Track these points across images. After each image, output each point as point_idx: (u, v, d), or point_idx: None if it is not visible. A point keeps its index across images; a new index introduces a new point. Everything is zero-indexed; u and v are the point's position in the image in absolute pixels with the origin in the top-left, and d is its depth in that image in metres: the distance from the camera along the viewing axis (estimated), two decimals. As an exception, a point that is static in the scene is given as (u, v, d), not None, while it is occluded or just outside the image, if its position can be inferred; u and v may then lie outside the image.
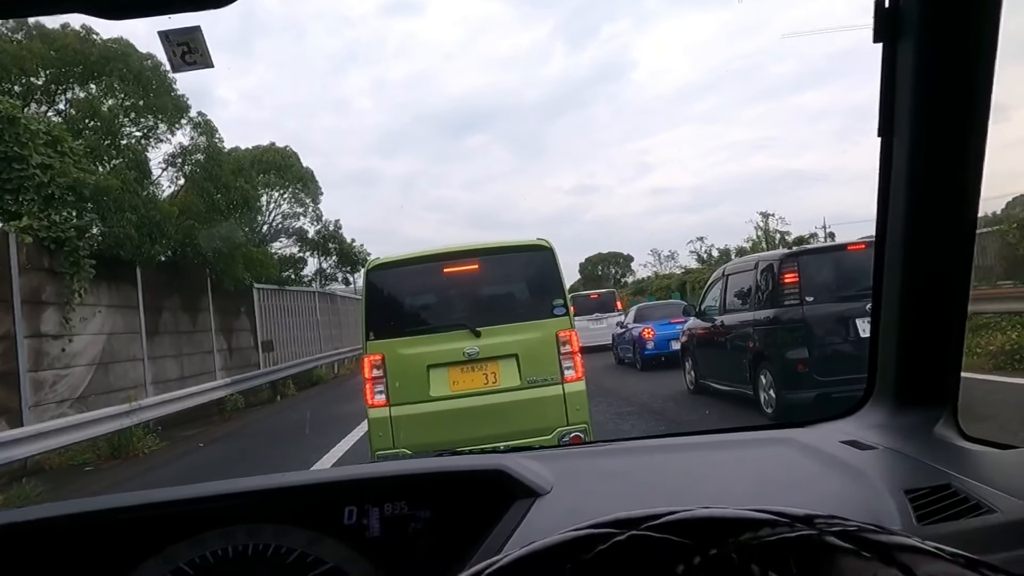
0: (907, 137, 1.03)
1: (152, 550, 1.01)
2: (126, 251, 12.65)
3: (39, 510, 1.03)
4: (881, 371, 1.21)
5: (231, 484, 1.05)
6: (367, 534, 1.03)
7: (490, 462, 1.02)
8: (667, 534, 0.37)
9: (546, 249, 5.84)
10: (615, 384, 12.59)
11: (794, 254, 8.40)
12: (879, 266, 1.15)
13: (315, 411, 13.02)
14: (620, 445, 1.37)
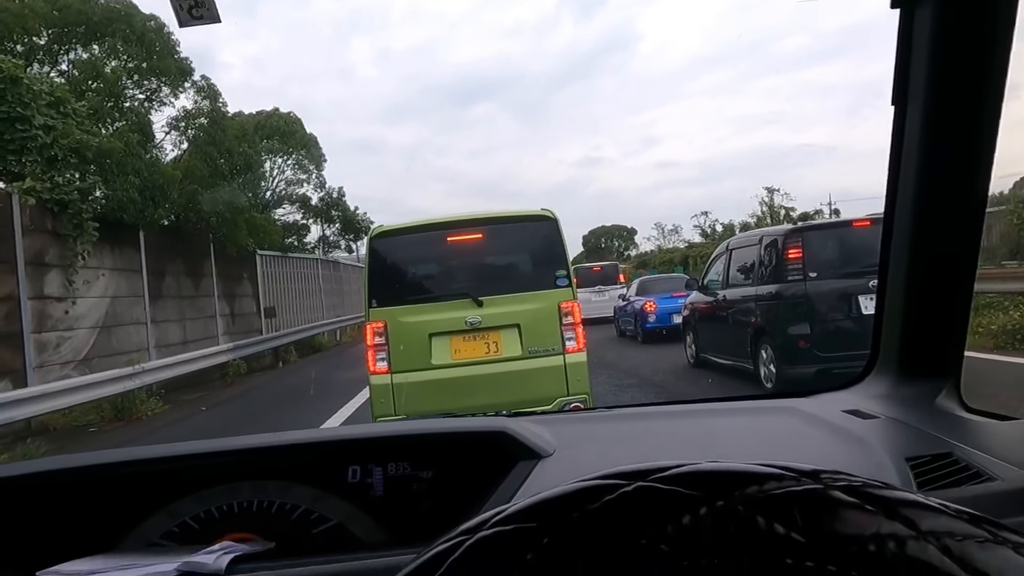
0: (921, 106, 1.02)
1: (158, 505, 1.02)
2: (129, 214, 12.63)
3: (47, 463, 1.04)
4: (885, 342, 1.21)
5: (237, 441, 1.06)
6: (371, 493, 1.05)
7: (493, 424, 1.02)
8: (674, 486, 0.37)
9: (550, 219, 5.83)
10: (616, 356, 12.64)
11: (799, 229, 8.37)
12: (887, 236, 1.15)
13: (317, 377, 13.10)
14: (622, 411, 1.37)
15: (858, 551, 0.35)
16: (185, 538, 1.01)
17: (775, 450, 1.07)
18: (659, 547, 0.35)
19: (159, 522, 1.02)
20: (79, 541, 0.95)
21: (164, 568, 0.84)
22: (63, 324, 11.11)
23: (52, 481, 1.02)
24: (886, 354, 1.21)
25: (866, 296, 7.25)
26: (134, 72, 15.74)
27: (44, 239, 10.75)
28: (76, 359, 11.31)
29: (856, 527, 0.35)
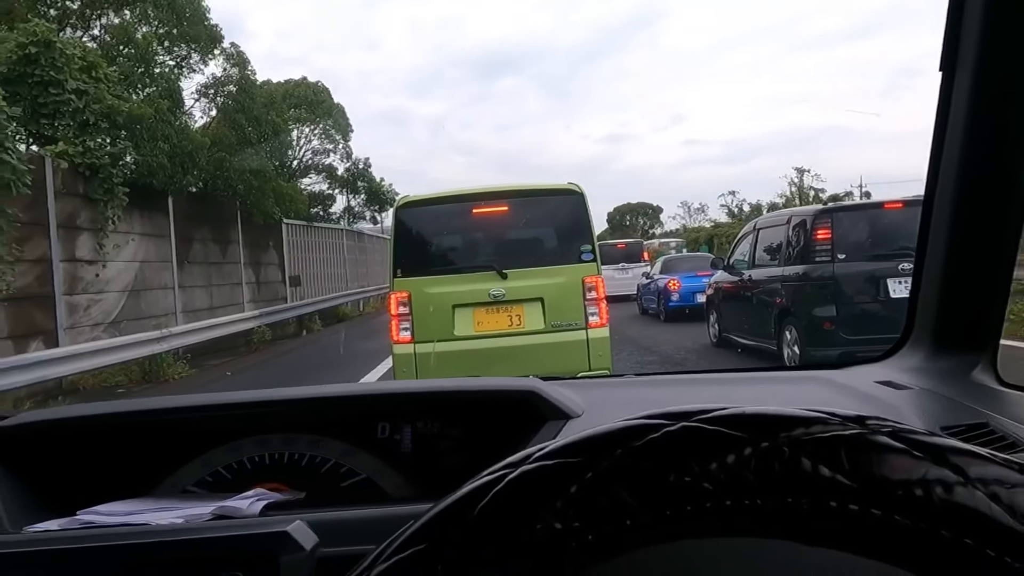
0: (971, 72, 0.99)
1: (192, 454, 1.05)
2: (159, 180, 12.75)
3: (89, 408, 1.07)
4: (921, 315, 1.19)
5: (271, 393, 1.08)
6: (399, 449, 1.06)
7: (524, 384, 1.03)
8: (719, 427, 0.37)
9: (577, 193, 5.80)
10: (637, 334, 12.61)
11: (828, 210, 8.24)
12: (928, 207, 1.13)
13: (340, 345, 13.23)
14: (651, 378, 1.37)
15: (904, 496, 0.34)
16: (217, 487, 1.03)
17: None
18: (702, 485, 0.36)
19: (193, 470, 1.04)
20: (116, 485, 0.98)
21: (200, 511, 0.86)
22: (93, 287, 11.30)
23: (93, 426, 1.04)
24: (921, 327, 1.20)
25: (895, 279, 7.14)
26: (164, 38, 15.80)
27: (76, 203, 10.91)
28: (106, 321, 11.52)
29: (903, 472, 0.35)
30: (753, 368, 1.45)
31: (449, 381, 1.10)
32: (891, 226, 7.67)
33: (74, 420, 1.04)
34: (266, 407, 1.06)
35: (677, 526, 0.36)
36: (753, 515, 0.36)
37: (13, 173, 8.04)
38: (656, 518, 0.36)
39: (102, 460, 1.02)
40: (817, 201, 29.64)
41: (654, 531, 0.36)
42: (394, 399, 1.12)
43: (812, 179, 38.46)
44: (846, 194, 33.53)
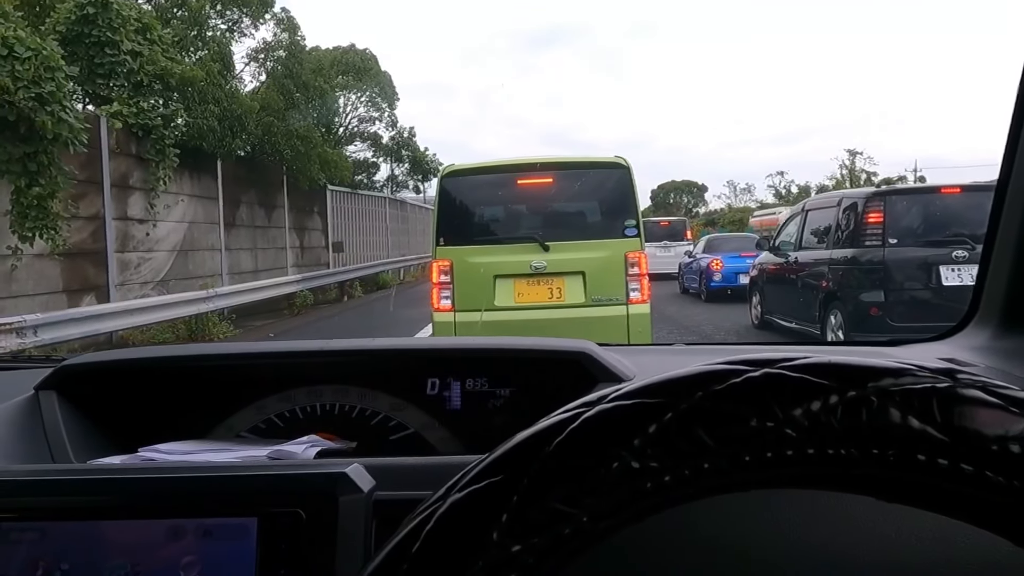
0: None
1: (247, 401, 1.07)
2: (208, 143, 12.96)
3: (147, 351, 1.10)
4: (988, 293, 1.15)
5: (323, 343, 1.09)
6: (447, 406, 1.07)
7: (576, 345, 1.03)
8: (804, 374, 0.36)
9: (623, 167, 5.74)
10: (677, 312, 12.52)
11: (881, 193, 8.04)
12: (1004, 182, 1.09)
13: (380, 312, 13.39)
14: (699, 347, 1.36)
15: (999, 452, 0.33)
16: (270, 433, 1.06)
17: None
18: (785, 431, 0.35)
19: (247, 416, 1.06)
20: (175, 427, 1.00)
21: (256, 453, 0.88)
22: (144, 245, 11.59)
23: (154, 369, 1.07)
24: (988, 306, 1.16)
25: (947, 266, 6.94)
26: (217, 2, 15.95)
27: (128, 163, 11.16)
28: (155, 279, 11.83)
29: (998, 427, 0.33)
30: (805, 343, 1.42)
31: (501, 339, 1.11)
32: (946, 212, 7.44)
33: (137, 362, 1.07)
34: (319, 356, 1.08)
35: (757, 473, 0.35)
36: (836, 465, 0.35)
37: (70, 131, 8.24)
38: (735, 463, 0.35)
39: (161, 403, 1.05)
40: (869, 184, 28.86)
41: (732, 477, 0.36)
42: (445, 355, 1.12)
43: (864, 162, 37.48)
44: (899, 178, 32.61)
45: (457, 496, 0.36)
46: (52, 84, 7.94)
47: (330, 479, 0.66)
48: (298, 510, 0.64)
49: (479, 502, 0.35)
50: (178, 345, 1.37)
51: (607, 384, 0.98)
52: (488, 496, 0.35)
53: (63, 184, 8.58)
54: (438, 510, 0.36)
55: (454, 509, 0.36)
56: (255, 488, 0.67)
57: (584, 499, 0.35)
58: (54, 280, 9.50)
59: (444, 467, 0.78)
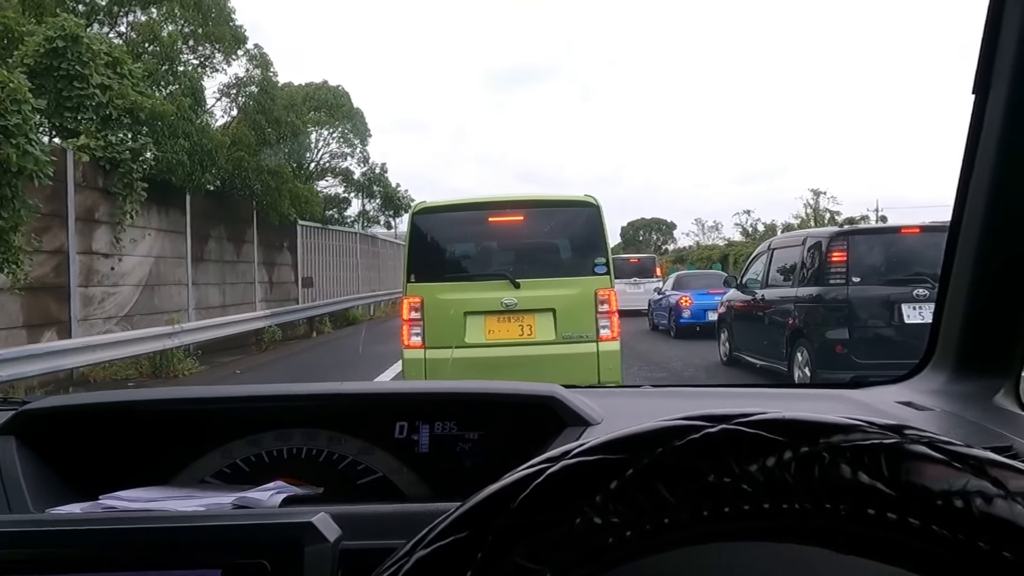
0: (1005, 94, 0.99)
1: (212, 445, 1.06)
2: (177, 177, 12.86)
3: (108, 395, 1.08)
4: (944, 337, 1.19)
5: (291, 387, 1.09)
6: (416, 449, 1.07)
7: (543, 389, 1.03)
8: (759, 430, 0.37)
9: (592, 206, 5.81)
10: (647, 349, 12.59)
11: (845, 232, 8.22)
12: (956, 228, 1.13)
13: (350, 349, 13.26)
14: (669, 389, 1.37)
15: (943, 506, 0.35)
16: (236, 478, 1.04)
17: None
18: (741, 487, 0.36)
19: (212, 460, 1.05)
20: (137, 473, 0.99)
21: (221, 500, 0.87)
22: (108, 280, 11.40)
23: (115, 413, 1.05)
24: (944, 349, 1.19)
25: (909, 305, 7.09)
26: (190, 37, 15.97)
27: (95, 196, 11.02)
28: (119, 315, 11.61)
29: (943, 482, 0.35)
30: (769, 384, 1.45)
31: (469, 383, 1.11)
32: (907, 251, 7.63)
33: (97, 407, 1.05)
34: (288, 401, 1.07)
35: (714, 526, 0.36)
36: (790, 519, 0.36)
37: (36, 164, 8.13)
38: (694, 517, 0.36)
39: (123, 447, 1.03)
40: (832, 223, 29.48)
41: (692, 530, 0.37)
42: (413, 399, 1.12)
43: (828, 201, 38.35)
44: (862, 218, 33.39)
45: (422, 553, 0.36)
46: (18, 116, 7.85)
47: (296, 529, 0.65)
48: (263, 561, 0.64)
49: (444, 559, 0.36)
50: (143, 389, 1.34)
51: (575, 428, 0.99)
52: (453, 552, 0.36)
53: (26, 217, 8.43)
54: (404, 567, 0.36)
55: (420, 566, 0.36)
56: (219, 539, 0.66)
57: (548, 555, 0.36)
58: (14, 315, 9.28)
59: (411, 515, 0.78)
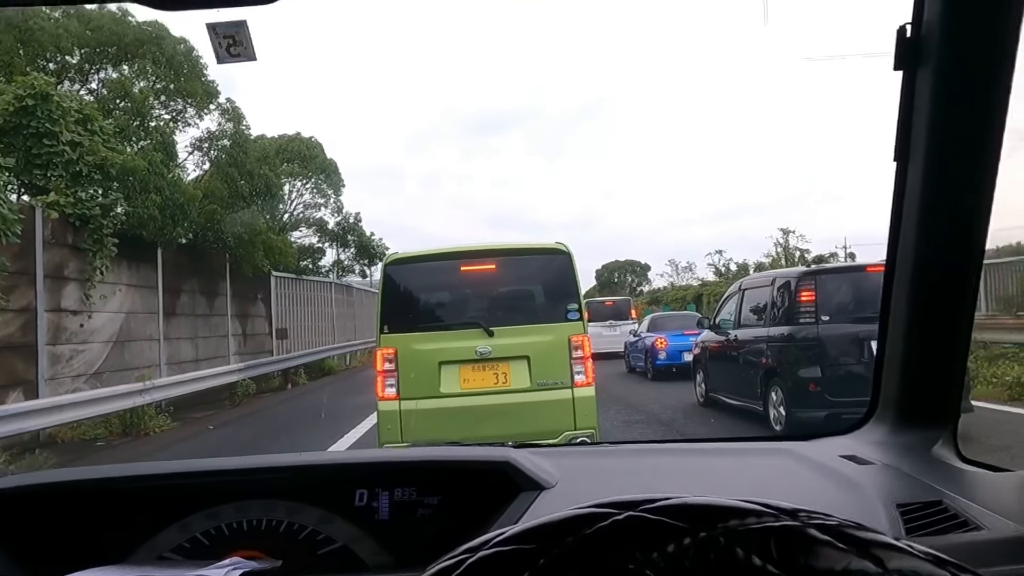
0: (921, 163, 1.06)
1: (170, 519, 1.05)
2: (149, 232, 12.81)
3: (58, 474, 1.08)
4: (884, 390, 1.23)
5: (248, 460, 1.09)
6: (376, 516, 1.07)
7: (498, 454, 1.05)
8: (662, 516, 0.40)
9: (563, 253, 5.87)
10: (625, 392, 12.59)
11: (812, 272, 8.37)
12: (888, 286, 1.18)
13: (326, 401, 13.12)
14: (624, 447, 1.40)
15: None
16: (195, 553, 1.04)
17: (769, 490, 1.09)
18: (645, 572, 0.38)
19: (170, 536, 1.05)
20: (95, 550, 0.98)
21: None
22: (77, 337, 11.22)
23: (72, 491, 1.05)
24: (885, 402, 1.24)
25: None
26: (161, 93, 16.08)
27: (64, 253, 10.92)
28: (88, 372, 11.40)
29: (827, 562, 0.38)
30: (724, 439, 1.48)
31: (425, 450, 1.12)
32: (874, 289, 7.70)
33: (53, 486, 1.05)
34: (246, 475, 1.08)
35: None
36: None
37: (3, 222, 8.08)
38: None
39: (81, 525, 1.02)
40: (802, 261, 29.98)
41: (601, 616, 0.39)
42: (372, 467, 1.13)
43: (797, 240, 39.02)
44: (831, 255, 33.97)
45: None
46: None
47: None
48: None
49: None
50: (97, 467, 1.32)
51: (529, 493, 1.01)
52: None
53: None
54: None
55: None
56: None
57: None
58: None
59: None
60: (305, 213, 28.01)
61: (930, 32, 1.01)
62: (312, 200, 27.90)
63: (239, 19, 0.96)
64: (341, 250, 29.26)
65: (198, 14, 0.92)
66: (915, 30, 1.04)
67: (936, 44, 1.01)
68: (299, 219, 27.83)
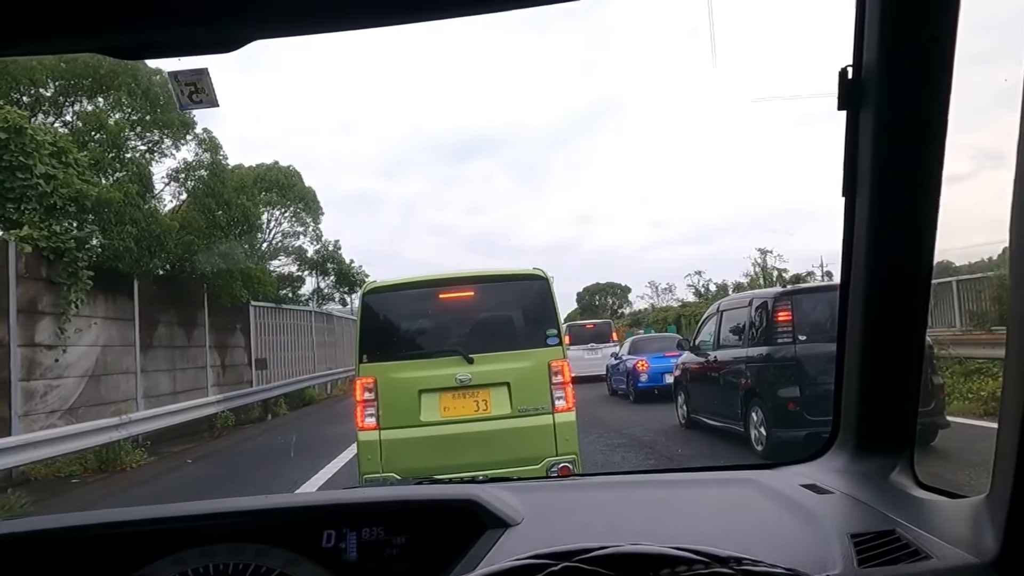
0: (868, 198, 1.10)
1: (134, 566, 1.04)
2: (125, 264, 12.69)
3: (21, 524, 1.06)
4: (844, 417, 1.26)
5: (214, 504, 1.09)
6: (344, 557, 1.07)
7: (463, 492, 1.06)
8: (597, 566, 0.41)
9: (541, 279, 5.90)
10: (607, 415, 12.59)
11: (788, 292, 8.47)
12: (843, 314, 1.21)
13: (305, 431, 12.98)
14: (593, 480, 1.41)
15: None
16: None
17: (729, 523, 1.11)
18: None
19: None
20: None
21: (138, 631, 0.86)
22: (52, 372, 11.05)
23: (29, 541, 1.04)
24: (845, 429, 1.26)
25: (855, 360, 7.28)
26: (137, 124, 16.02)
27: (38, 287, 10.78)
28: (63, 408, 11.21)
29: None
30: (691, 468, 1.49)
31: (392, 490, 1.13)
32: (849, 308, 7.87)
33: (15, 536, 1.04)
34: (212, 519, 1.07)
35: None
36: None
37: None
38: None
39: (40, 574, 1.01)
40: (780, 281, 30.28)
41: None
42: (338, 509, 1.13)
43: (775, 259, 39.37)
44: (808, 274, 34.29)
45: None
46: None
47: None
48: None
49: None
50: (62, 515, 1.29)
51: (494, 531, 1.01)
52: None
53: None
54: None
55: None
56: None
57: None
58: (-51, 415, 8.91)
59: None
60: (284, 242, 27.94)
61: (869, 74, 1.06)
62: (291, 229, 27.86)
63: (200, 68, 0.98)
64: (321, 278, 29.15)
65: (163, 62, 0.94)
66: (856, 72, 1.08)
67: (875, 85, 1.05)
68: (278, 248, 27.73)
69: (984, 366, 11.53)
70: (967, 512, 0.93)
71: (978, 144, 11.60)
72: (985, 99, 3.35)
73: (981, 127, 3.02)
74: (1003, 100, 1.04)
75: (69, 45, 0.88)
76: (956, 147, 1.06)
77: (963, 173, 23.84)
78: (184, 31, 0.80)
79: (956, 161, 2.75)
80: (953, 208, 1.15)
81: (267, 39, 0.92)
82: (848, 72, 1.09)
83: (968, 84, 1.05)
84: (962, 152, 16.76)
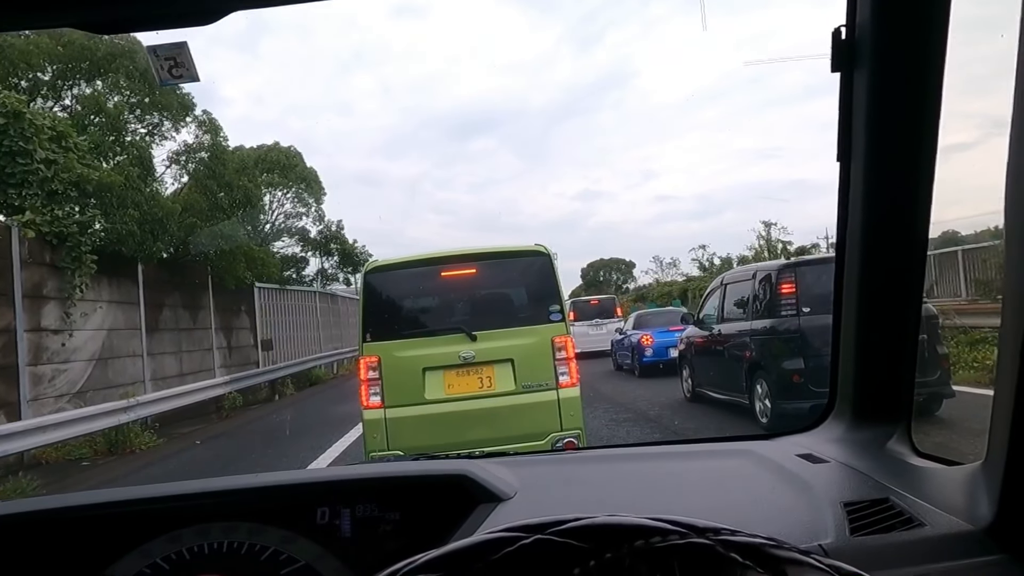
0: (862, 162, 1.07)
1: (131, 545, 1.05)
2: (128, 247, 12.70)
3: (19, 504, 1.07)
4: (841, 387, 1.25)
5: (209, 483, 1.09)
6: (338, 534, 1.07)
7: (456, 467, 1.05)
8: (569, 539, 0.40)
9: (543, 255, 5.88)
10: (612, 390, 12.62)
11: (792, 264, 8.43)
12: (839, 283, 1.20)
13: (312, 411, 13.06)
14: (590, 453, 1.40)
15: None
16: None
17: (724, 496, 1.10)
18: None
19: (131, 562, 1.04)
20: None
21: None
22: (59, 357, 11.11)
23: (28, 522, 1.04)
24: (842, 399, 1.25)
25: (859, 331, 7.27)
26: (136, 107, 15.94)
27: (42, 272, 10.81)
28: (71, 392, 11.29)
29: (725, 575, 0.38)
30: (688, 440, 1.49)
31: (385, 466, 1.13)
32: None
33: (13, 517, 1.04)
34: (206, 498, 1.07)
35: None
36: None
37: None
38: None
39: (37, 556, 1.01)
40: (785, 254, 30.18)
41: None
42: (332, 486, 1.13)
43: (779, 232, 39.18)
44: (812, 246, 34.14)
45: None
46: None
47: None
48: None
49: None
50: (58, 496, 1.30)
51: (487, 505, 1.01)
52: None
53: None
54: None
55: None
56: None
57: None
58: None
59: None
60: (287, 223, 27.91)
61: (863, 34, 1.03)
62: (293, 210, 27.82)
63: (179, 41, 0.96)
64: (324, 258, 29.17)
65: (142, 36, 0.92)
66: (849, 33, 1.05)
67: (869, 45, 1.02)
68: (281, 229, 27.72)
69: (990, 335, 11.49)
70: (962, 479, 0.92)
71: (983, 111, 11.45)
72: (992, 63, 3.25)
73: (987, 93, 2.92)
74: (1008, 63, 1.02)
75: (44, 20, 0.86)
76: (961, 114, 1.04)
77: (969, 141, 23.55)
78: (161, 3, 0.78)
79: (962, 129, 2.67)
80: (958, 177, 1.13)
81: (245, 10, 0.90)
82: (841, 32, 1.07)
83: (969, 45, 1.02)
84: (968, 120, 16.38)
